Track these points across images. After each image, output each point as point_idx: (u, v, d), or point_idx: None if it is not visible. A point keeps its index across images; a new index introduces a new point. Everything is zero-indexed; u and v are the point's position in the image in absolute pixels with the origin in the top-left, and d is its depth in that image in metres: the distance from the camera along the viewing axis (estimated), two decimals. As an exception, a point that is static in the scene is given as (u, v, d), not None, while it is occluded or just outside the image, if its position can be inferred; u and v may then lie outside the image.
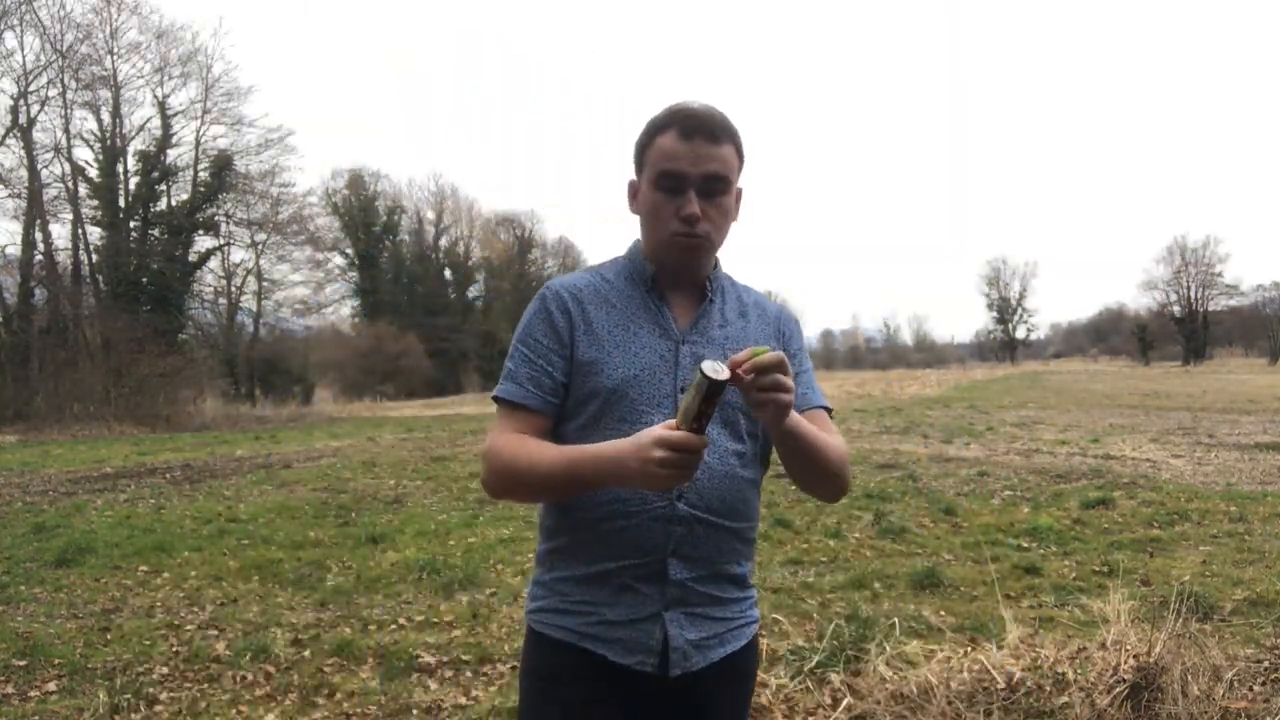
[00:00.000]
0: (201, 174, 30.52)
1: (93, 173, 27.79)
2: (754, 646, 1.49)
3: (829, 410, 1.49)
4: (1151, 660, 3.00)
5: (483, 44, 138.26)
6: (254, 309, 36.24)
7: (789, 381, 1.20)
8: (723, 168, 1.37)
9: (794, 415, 1.28)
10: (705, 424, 1.16)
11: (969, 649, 3.59)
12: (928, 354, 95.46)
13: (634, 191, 1.45)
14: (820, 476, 1.39)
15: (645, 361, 1.38)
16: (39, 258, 24.98)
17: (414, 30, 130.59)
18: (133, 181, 28.97)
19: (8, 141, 25.03)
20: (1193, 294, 64.56)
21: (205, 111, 30.11)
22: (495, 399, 1.41)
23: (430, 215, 53.47)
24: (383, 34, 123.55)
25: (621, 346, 1.39)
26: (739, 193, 1.45)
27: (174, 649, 4.17)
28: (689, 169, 1.35)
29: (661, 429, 1.19)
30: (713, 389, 1.14)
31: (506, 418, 1.39)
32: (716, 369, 1.14)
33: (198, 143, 30.26)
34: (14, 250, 24.69)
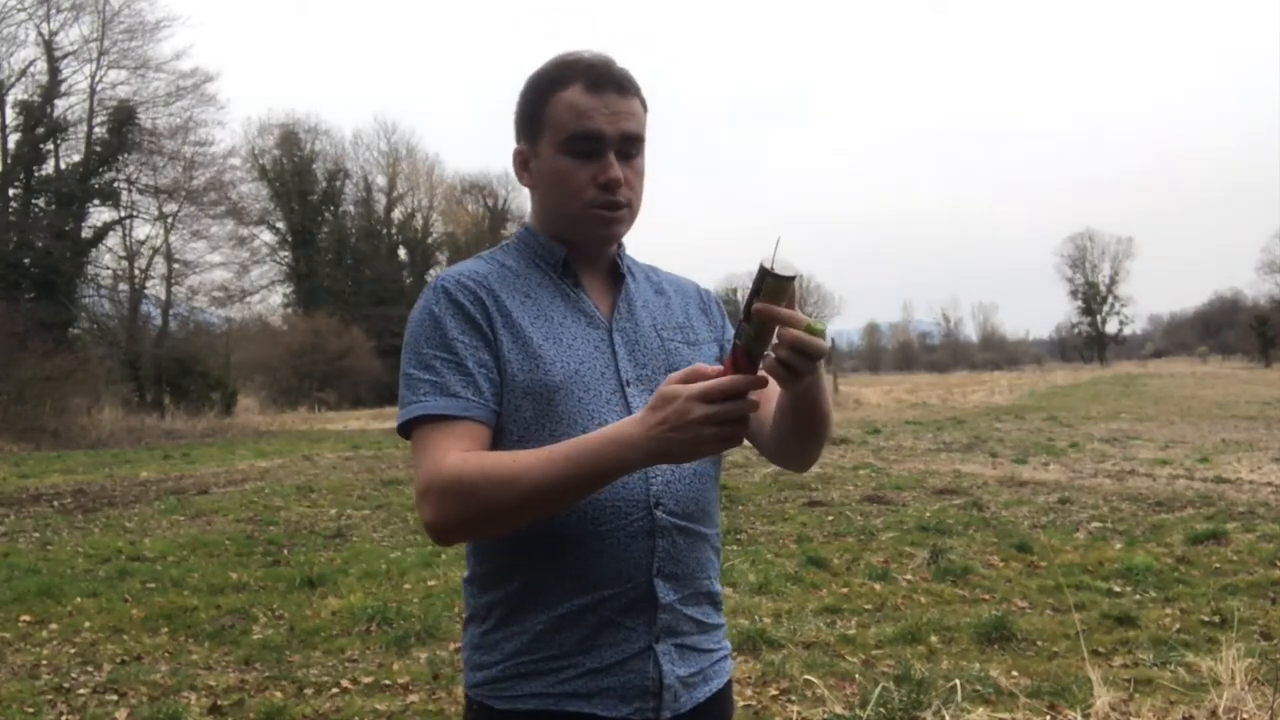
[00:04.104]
0: (97, 130, 30.59)
1: (-39, 128, 27.96)
2: (731, 686, 1.57)
3: None
4: (1274, 732, 3.00)
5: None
6: (162, 297, 36.28)
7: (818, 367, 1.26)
8: (638, 125, 1.44)
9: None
10: (765, 348, 1.15)
11: (1048, 717, 3.59)
12: (996, 353, 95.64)
13: (524, 161, 1.49)
14: (810, 438, 1.43)
15: (582, 353, 1.43)
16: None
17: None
18: (12, 139, 29.05)
19: None
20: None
21: (102, 52, 30.23)
22: (422, 419, 1.34)
23: (381, 181, 53.58)
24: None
25: (551, 338, 1.42)
26: None
27: (63, 718, 4.16)
28: (606, 127, 1.40)
29: (692, 385, 1.16)
30: (779, 285, 1.11)
31: (444, 437, 1.32)
32: (782, 263, 1.11)
33: (93, 91, 30.35)
34: None
